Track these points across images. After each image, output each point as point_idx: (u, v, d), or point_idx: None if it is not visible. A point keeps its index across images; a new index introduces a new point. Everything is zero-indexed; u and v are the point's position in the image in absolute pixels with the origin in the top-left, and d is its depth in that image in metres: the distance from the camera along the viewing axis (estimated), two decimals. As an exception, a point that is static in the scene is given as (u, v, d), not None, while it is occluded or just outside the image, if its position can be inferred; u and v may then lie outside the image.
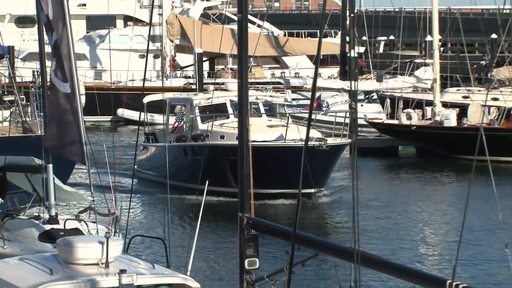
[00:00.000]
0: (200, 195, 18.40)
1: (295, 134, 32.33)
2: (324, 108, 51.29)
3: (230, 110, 34.15)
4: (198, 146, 31.45)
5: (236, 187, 16.37)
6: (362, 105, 56.11)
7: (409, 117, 49.39)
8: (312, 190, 30.20)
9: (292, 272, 12.87)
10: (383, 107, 52.09)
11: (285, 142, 32.26)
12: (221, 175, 27.47)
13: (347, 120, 41.76)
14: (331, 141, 31.90)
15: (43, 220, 23.16)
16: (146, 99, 42.65)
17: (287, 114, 39.29)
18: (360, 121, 51.66)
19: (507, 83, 43.85)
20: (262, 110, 36.13)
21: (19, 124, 29.42)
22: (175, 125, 36.75)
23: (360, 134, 38.91)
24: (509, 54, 44.95)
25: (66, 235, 18.31)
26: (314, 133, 32.98)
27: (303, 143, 29.67)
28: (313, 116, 39.51)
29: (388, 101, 52.76)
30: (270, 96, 45.32)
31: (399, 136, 48.08)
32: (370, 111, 53.70)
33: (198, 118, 33.99)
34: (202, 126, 33.44)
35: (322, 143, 30.58)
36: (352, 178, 21.30)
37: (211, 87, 38.81)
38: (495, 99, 46.01)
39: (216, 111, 34.41)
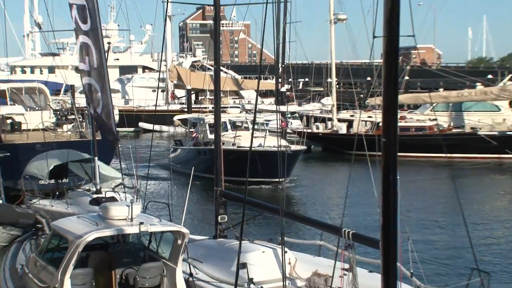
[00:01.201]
0: (201, 179, 20.89)
1: (271, 142, 34.52)
2: (288, 125, 54.71)
3: (228, 126, 36.27)
4: (207, 149, 33.38)
5: (227, 175, 19.09)
6: (290, 121, 58.62)
7: (317, 128, 51.46)
8: (282, 179, 31.33)
9: (246, 223, 15.45)
10: (302, 122, 54.12)
11: (264, 147, 33.81)
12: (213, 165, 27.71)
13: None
14: (293, 147, 34.22)
15: (91, 192, 24.30)
16: (176, 118, 48.79)
17: (266, 129, 40.96)
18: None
19: (377, 107, 45.08)
20: (250, 126, 37.15)
21: (77, 133, 30.69)
22: (193, 135, 39.04)
23: (289, 139, 39.44)
24: (377, 90, 45.07)
25: (106, 201, 19.27)
26: (282, 142, 34.11)
27: (277, 148, 29.55)
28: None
29: (305, 118, 55.03)
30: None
31: (312, 139, 49.35)
32: (295, 125, 56.37)
33: (208, 131, 36.37)
34: (210, 136, 35.06)
35: (288, 148, 32.70)
36: (279, 169, 24.07)
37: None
38: (370, 116, 46.81)
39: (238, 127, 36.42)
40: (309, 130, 47.78)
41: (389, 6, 7.18)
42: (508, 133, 44.90)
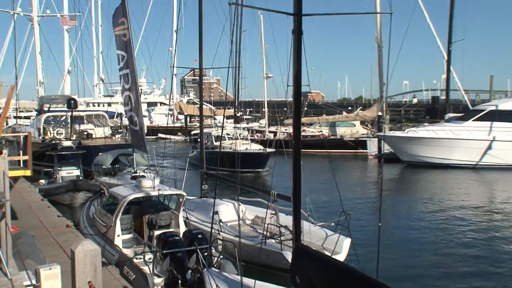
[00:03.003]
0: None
1: (254, 147, 33.00)
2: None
3: (226, 137, 34.17)
4: (213, 151, 31.45)
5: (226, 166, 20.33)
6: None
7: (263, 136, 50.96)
8: (260, 169, 31.16)
9: (218, 189, 14.64)
10: (248, 133, 52.66)
11: (249, 150, 31.77)
12: (221, 163, 25.67)
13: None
14: (268, 150, 31.87)
15: (131, 172, 23.89)
16: (193, 132, 46.65)
17: (249, 138, 39.96)
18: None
19: (290, 124, 43.94)
20: (239, 137, 35.35)
21: (123, 140, 30.51)
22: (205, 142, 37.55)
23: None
24: (290, 115, 43.54)
25: (139, 177, 18.50)
26: (260, 146, 33.97)
27: (259, 150, 32.11)
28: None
29: (249, 131, 53.91)
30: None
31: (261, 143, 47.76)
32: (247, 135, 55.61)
33: (213, 140, 34.81)
34: (215, 143, 34.01)
35: (265, 150, 31.66)
36: (236, 163, 25.00)
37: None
38: (286, 129, 47.55)
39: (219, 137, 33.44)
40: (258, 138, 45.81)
41: (295, 69, 7.65)
42: (360, 138, 45.15)
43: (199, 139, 36.26)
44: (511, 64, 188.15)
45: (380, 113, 44.23)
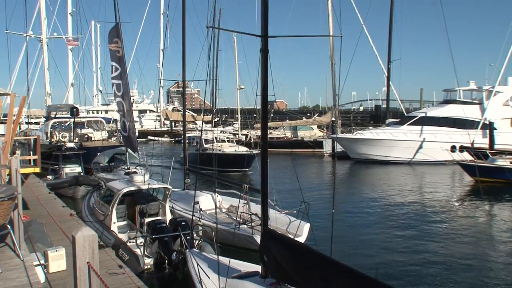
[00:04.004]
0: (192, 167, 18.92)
1: (241, 149, 30.62)
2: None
3: (214, 140, 32.20)
4: (203, 153, 28.78)
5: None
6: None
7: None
8: (246, 169, 28.67)
9: (198, 183, 14.83)
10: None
11: (237, 152, 29.91)
12: (208, 162, 24.70)
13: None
14: (254, 151, 28.46)
15: (126, 169, 23.59)
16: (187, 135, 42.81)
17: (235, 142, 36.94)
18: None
19: (259, 128, 44.29)
20: (226, 140, 33.85)
21: (118, 141, 29.23)
22: (193, 144, 34.57)
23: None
24: (259, 120, 43.24)
25: (132, 173, 18.83)
26: (246, 148, 31.30)
27: (246, 152, 29.44)
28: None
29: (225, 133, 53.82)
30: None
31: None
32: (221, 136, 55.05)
33: (203, 142, 31.78)
34: (205, 146, 31.38)
35: (251, 152, 28.81)
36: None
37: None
38: (256, 132, 44.75)
39: (209, 141, 32.11)
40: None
41: (263, 82, 7.60)
42: (317, 139, 44.92)
43: (191, 142, 35.44)
44: (437, 79, 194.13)
45: (333, 119, 44.43)
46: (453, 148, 30.72)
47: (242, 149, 30.64)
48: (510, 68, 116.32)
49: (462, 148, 29.17)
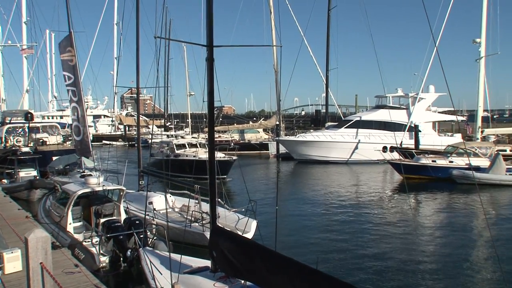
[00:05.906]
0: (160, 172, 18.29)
1: (220, 155, 25.84)
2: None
3: (187, 146, 28.66)
4: (175, 159, 26.64)
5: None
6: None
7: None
8: (225, 176, 24.29)
9: (150, 184, 15.59)
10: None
11: (217, 158, 26.60)
12: (182, 168, 23.81)
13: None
14: (234, 157, 25.41)
15: (81, 172, 21.67)
16: (152, 141, 31.72)
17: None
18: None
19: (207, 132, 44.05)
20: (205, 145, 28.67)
21: (73, 146, 25.31)
22: (161, 150, 30.28)
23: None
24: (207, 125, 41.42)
25: (87, 175, 17.21)
26: (222, 154, 26.81)
27: (226, 158, 25.80)
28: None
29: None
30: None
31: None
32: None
33: (175, 148, 28.38)
34: (176, 152, 27.91)
35: (232, 158, 25.34)
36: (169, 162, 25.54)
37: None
38: (204, 136, 46.12)
39: (181, 146, 28.64)
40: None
41: (209, 89, 7.58)
42: (263, 142, 45.38)
43: (159, 147, 32.22)
44: (370, 86, 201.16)
45: (277, 123, 44.89)
46: (384, 149, 32.08)
47: (220, 155, 27.17)
48: (431, 77, 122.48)
49: (392, 149, 30.45)
